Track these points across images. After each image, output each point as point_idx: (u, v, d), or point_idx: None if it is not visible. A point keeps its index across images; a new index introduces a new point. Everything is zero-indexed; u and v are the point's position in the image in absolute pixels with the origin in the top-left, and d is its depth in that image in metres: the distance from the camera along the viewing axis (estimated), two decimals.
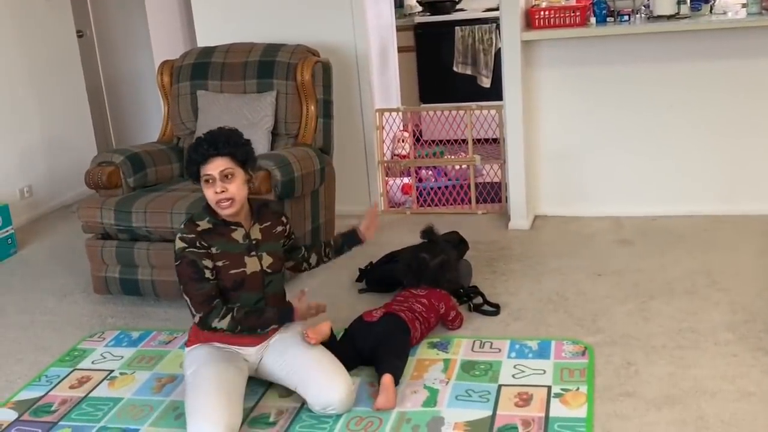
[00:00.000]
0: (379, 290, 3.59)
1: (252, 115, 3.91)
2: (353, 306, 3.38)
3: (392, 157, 5.21)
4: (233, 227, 2.67)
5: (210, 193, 2.60)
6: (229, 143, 2.60)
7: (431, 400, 2.68)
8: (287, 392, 2.77)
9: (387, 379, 2.65)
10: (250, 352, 2.73)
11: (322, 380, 2.62)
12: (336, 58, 4.33)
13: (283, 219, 2.85)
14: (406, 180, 4.94)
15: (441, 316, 3.15)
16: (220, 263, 2.63)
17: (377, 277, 3.66)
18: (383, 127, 4.77)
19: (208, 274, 2.60)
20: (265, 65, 4.02)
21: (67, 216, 5.12)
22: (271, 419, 2.66)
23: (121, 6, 6.20)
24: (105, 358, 3.21)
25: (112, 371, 3.08)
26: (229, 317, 2.60)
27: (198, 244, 2.61)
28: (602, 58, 4.21)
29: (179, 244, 2.62)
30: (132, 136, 6.31)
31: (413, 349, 3.01)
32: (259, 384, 2.82)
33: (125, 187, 3.77)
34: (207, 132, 2.67)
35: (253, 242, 2.70)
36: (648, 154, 4.28)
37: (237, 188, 2.61)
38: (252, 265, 2.68)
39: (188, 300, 2.61)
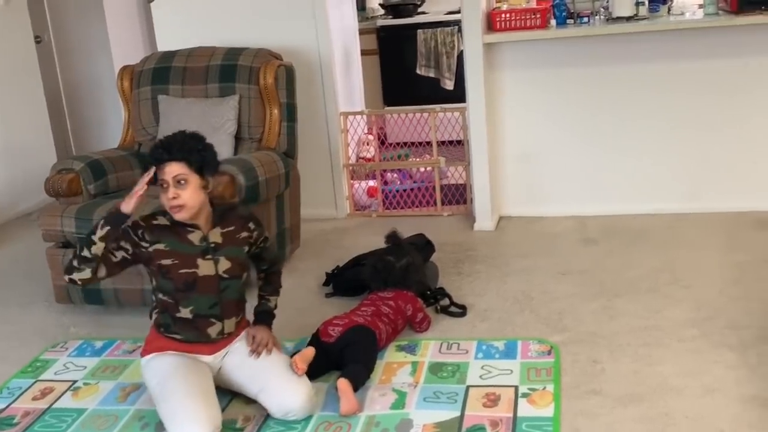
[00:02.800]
0: (346, 294, 3.58)
1: (214, 120, 3.88)
2: (321, 310, 3.36)
3: (357, 161, 5.20)
4: (189, 229, 2.62)
5: (163, 199, 2.56)
6: (183, 148, 2.54)
7: (399, 402, 2.68)
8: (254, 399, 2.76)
9: (342, 384, 2.64)
10: (207, 360, 2.70)
11: (281, 387, 2.62)
12: (299, 62, 4.31)
13: (250, 225, 2.75)
14: (371, 183, 4.93)
15: (408, 318, 3.15)
16: (168, 261, 2.59)
17: (344, 281, 3.65)
18: (348, 130, 4.76)
19: (113, 254, 2.59)
20: (227, 69, 3.99)
21: (28, 224, 5.03)
22: (239, 425, 2.63)
23: (80, 11, 6.11)
24: (68, 368, 3.15)
25: (75, 381, 3.03)
26: (71, 255, 2.59)
27: (138, 233, 2.59)
28: (563, 59, 4.24)
29: (130, 220, 2.59)
30: (92, 142, 6.22)
31: (381, 352, 3.00)
32: (224, 391, 2.78)
33: (85, 195, 3.71)
34: (166, 136, 2.63)
35: (211, 245, 2.64)
36: (610, 153, 4.33)
37: (189, 195, 2.53)
38: (206, 268, 2.62)
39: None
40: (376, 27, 6.37)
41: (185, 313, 2.63)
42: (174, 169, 2.53)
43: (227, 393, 2.78)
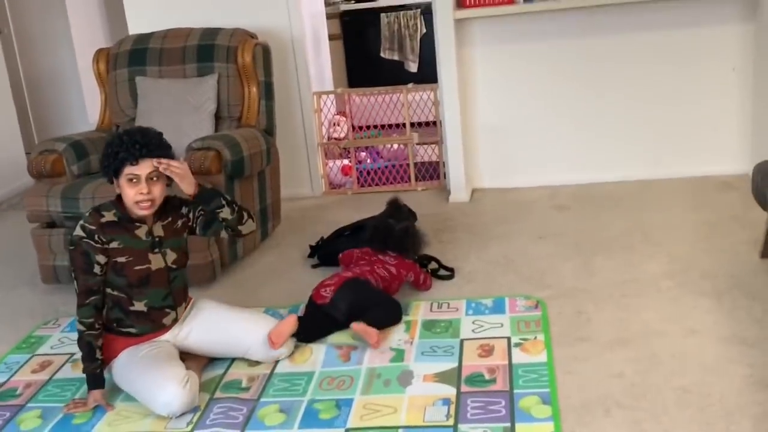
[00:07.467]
0: (331, 264, 3.66)
1: (194, 99, 3.92)
2: (309, 279, 3.44)
3: (329, 140, 5.27)
4: (137, 224, 2.63)
5: (131, 193, 2.54)
6: (160, 146, 2.57)
7: (398, 357, 2.77)
8: (255, 361, 2.83)
9: (356, 326, 2.82)
10: (165, 338, 2.77)
11: (260, 342, 2.79)
12: (272, 42, 4.36)
13: (183, 210, 2.75)
14: (345, 162, 5.01)
15: (412, 284, 3.28)
16: (122, 259, 2.60)
17: (328, 251, 3.73)
18: (321, 110, 4.83)
19: (97, 269, 2.58)
20: (204, 49, 4.03)
21: None
22: (244, 385, 2.70)
23: (40, 2, 6.08)
24: (63, 342, 3.18)
25: (73, 354, 3.05)
26: (83, 327, 2.59)
27: (96, 238, 2.57)
28: (531, 34, 4.38)
29: (78, 231, 2.58)
30: (55, 133, 6.18)
31: None
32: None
33: (69, 175, 3.73)
34: (133, 130, 2.58)
35: (157, 239, 2.67)
36: (578, 125, 4.49)
37: (160, 191, 2.59)
38: (156, 261, 2.66)
39: (75, 286, 2.60)
40: (339, 12, 6.45)
41: (139, 306, 2.67)
42: (148, 166, 2.53)
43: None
